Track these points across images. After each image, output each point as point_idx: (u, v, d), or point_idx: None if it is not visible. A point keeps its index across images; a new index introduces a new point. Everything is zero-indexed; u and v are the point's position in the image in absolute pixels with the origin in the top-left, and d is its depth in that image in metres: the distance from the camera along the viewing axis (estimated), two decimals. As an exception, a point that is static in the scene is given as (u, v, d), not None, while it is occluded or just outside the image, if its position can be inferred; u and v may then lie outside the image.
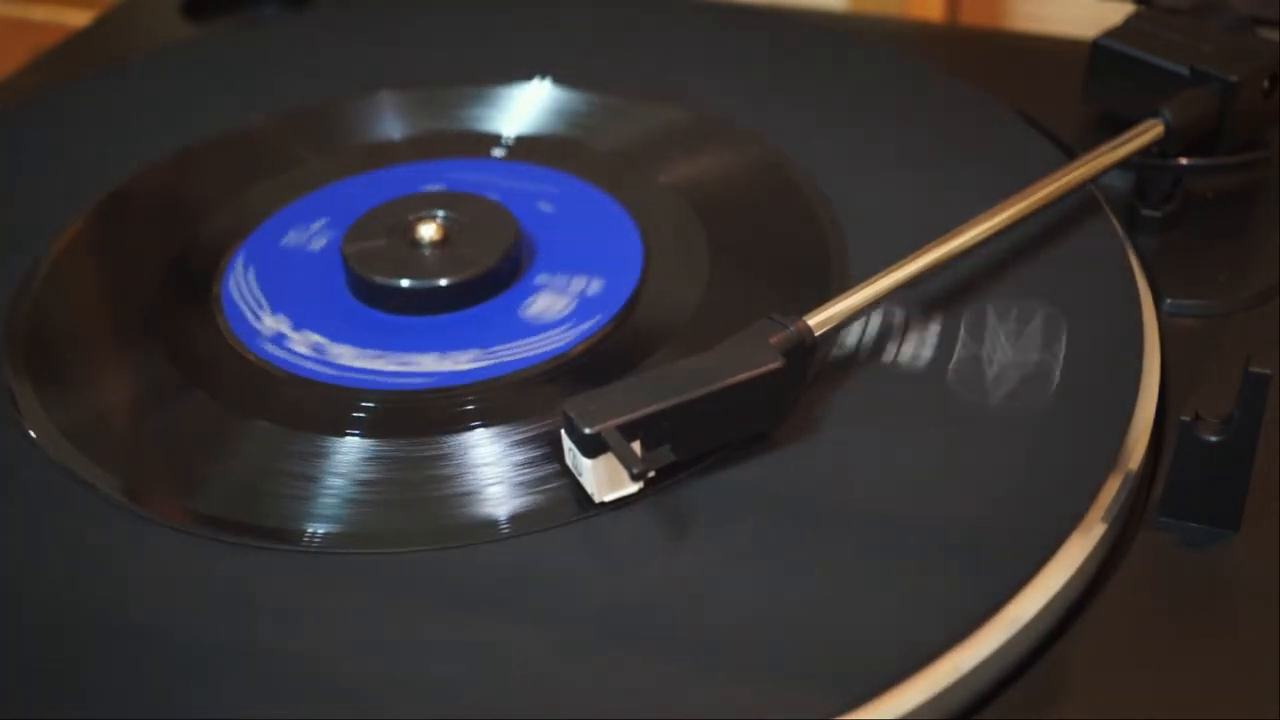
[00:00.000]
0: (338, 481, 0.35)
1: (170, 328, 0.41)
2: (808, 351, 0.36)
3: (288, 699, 0.30)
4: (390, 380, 0.39)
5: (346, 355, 0.40)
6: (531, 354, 0.39)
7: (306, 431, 0.37)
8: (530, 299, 0.41)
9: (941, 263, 0.38)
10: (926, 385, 0.37)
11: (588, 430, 0.33)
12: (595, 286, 0.42)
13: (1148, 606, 0.32)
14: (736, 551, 0.33)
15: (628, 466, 0.32)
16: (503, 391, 0.38)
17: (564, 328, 0.40)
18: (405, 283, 0.41)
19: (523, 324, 0.40)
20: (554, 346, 0.39)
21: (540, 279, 0.42)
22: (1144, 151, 0.42)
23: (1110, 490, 0.34)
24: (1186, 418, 0.33)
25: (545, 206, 0.45)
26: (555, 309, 0.40)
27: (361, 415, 0.37)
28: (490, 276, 0.41)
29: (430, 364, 0.39)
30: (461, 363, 0.39)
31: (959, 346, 0.37)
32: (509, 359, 0.39)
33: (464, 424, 0.37)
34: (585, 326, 0.40)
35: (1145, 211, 0.44)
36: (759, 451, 0.35)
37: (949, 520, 0.33)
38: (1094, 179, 0.41)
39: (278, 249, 0.44)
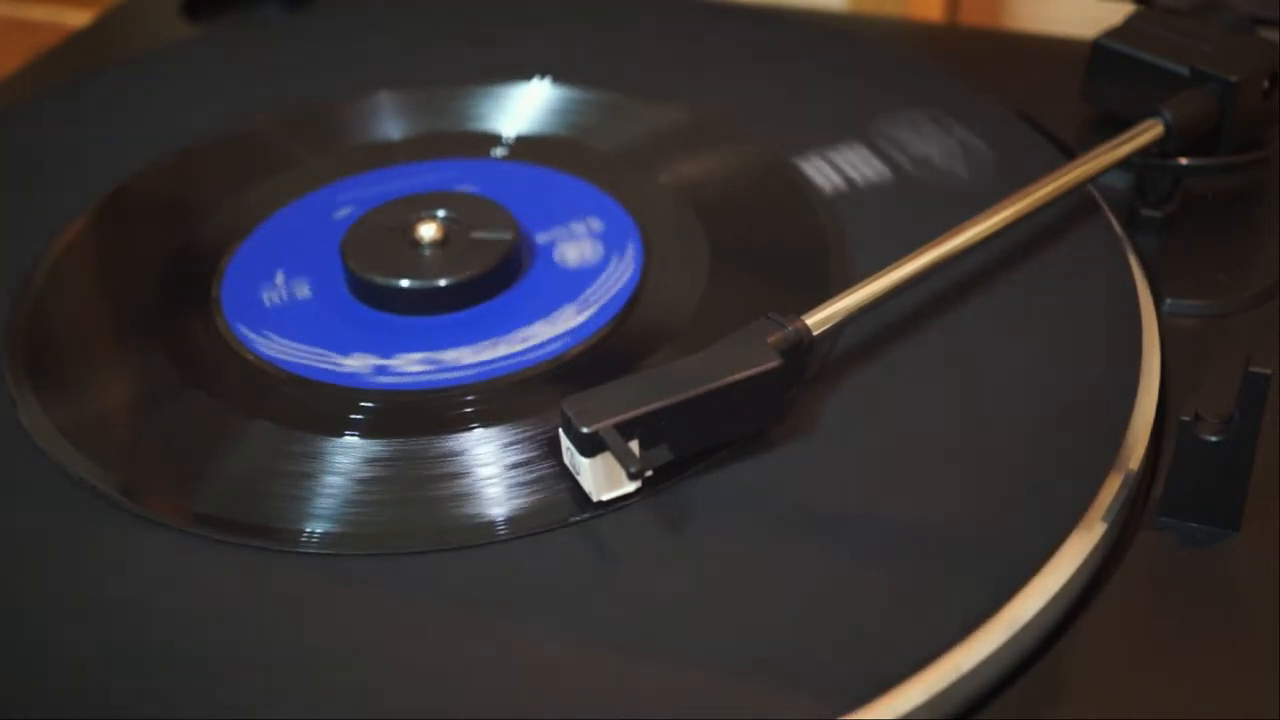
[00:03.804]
0: (337, 481, 0.35)
1: (170, 328, 0.41)
2: (806, 351, 0.36)
3: (288, 699, 0.30)
4: (390, 380, 0.39)
5: (346, 355, 0.40)
6: (532, 354, 0.39)
7: (306, 431, 0.37)
8: (560, 249, 0.42)
9: (941, 262, 0.38)
10: (926, 385, 0.37)
11: (585, 429, 0.33)
12: (595, 286, 0.42)
13: (1148, 606, 0.32)
14: (735, 551, 0.33)
15: (625, 466, 0.32)
16: (502, 391, 0.38)
17: (593, 287, 0.40)
18: (405, 283, 0.41)
19: (531, 308, 0.41)
20: (554, 346, 0.39)
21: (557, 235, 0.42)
22: (1144, 151, 0.42)
23: (1110, 490, 0.34)
24: (1186, 418, 0.33)
25: (544, 206, 0.45)
26: (585, 257, 0.41)
27: (361, 415, 0.37)
28: (490, 276, 0.41)
29: (430, 364, 0.39)
30: (461, 363, 0.39)
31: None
32: (509, 358, 0.39)
33: (463, 424, 0.37)
34: (586, 327, 0.40)
35: (1145, 211, 0.44)
36: (757, 451, 0.35)
37: (949, 520, 0.33)
38: (1093, 179, 0.41)
39: (278, 249, 0.44)
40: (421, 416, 0.37)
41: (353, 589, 0.33)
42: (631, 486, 0.34)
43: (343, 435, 0.37)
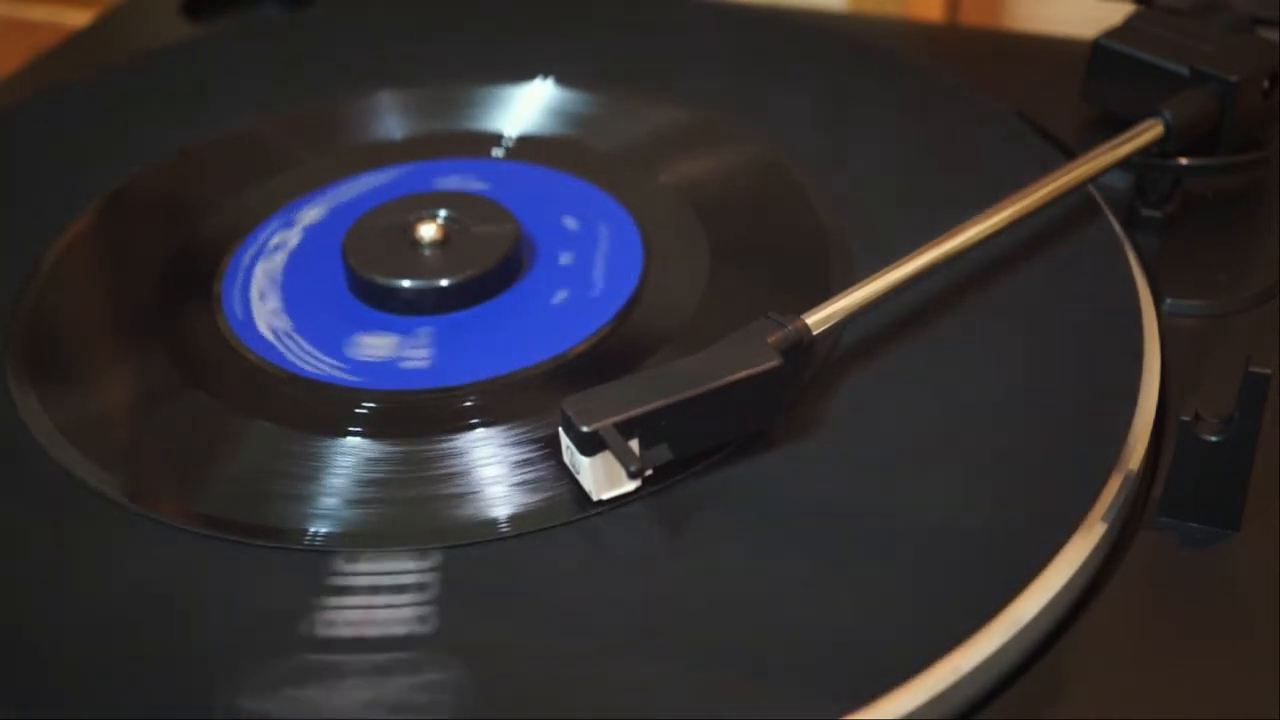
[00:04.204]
0: (338, 481, 0.35)
1: (170, 328, 0.41)
2: (806, 350, 0.36)
3: (288, 698, 0.30)
4: (390, 380, 0.39)
5: (346, 355, 0.40)
6: (532, 354, 0.39)
7: (306, 431, 0.37)
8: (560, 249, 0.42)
9: (941, 262, 0.38)
10: (926, 385, 0.37)
11: (585, 428, 0.33)
12: (595, 285, 0.42)
13: (1148, 606, 0.32)
14: (736, 551, 0.33)
15: (625, 465, 0.32)
16: (503, 391, 0.38)
17: (593, 287, 0.41)
18: (405, 283, 0.41)
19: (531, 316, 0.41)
20: (554, 346, 0.39)
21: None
22: (1144, 151, 0.42)
23: (1110, 490, 0.34)
24: (1186, 418, 0.33)
25: (545, 206, 0.45)
26: (585, 257, 0.42)
27: (361, 415, 0.37)
28: (491, 276, 0.41)
29: (429, 364, 0.39)
30: (461, 362, 0.39)
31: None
32: (509, 358, 0.39)
33: (464, 424, 0.37)
34: (586, 327, 0.40)
35: (1145, 211, 0.44)
36: (758, 451, 0.35)
37: (949, 520, 0.33)
38: (1093, 179, 0.41)
39: (278, 249, 0.44)
40: (422, 416, 0.37)
41: (353, 589, 0.33)
42: (631, 486, 0.34)
43: (343, 435, 0.37)
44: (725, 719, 0.29)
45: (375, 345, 0.40)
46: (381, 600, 0.32)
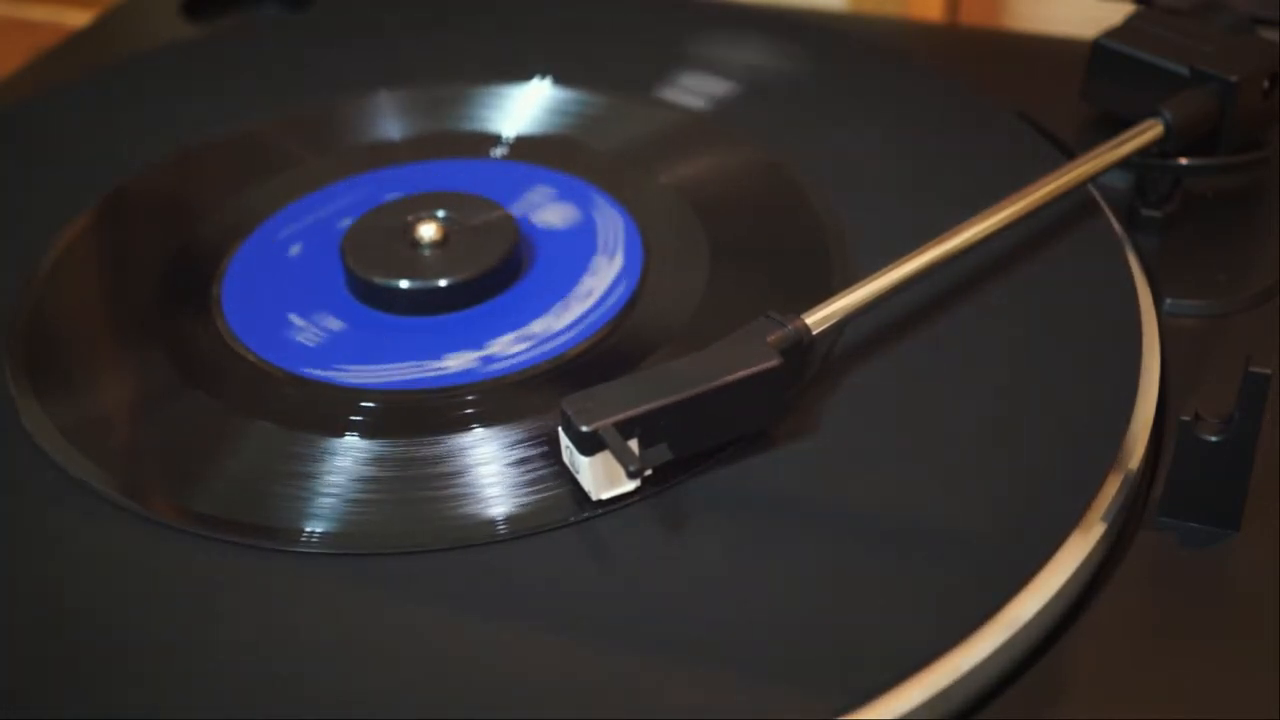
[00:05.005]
0: (337, 481, 0.35)
1: (170, 328, 0.41)
2: (806, 350, 0.36)
3: (288, 698, 0.30)
4: (390, 380, 0.39)
5: (346, 355, 0.40)
6: (532, 354, 0.39)
7: (306, 431, 0.37)
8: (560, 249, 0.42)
9: (940, 262, 0.38)
10: (926, 385, 0.37)
11: (584, 428, 0.33)
12: (595, 286, 0.42)
13: (1148, 606, 0.32)
14: (735, 551, 0.33)
15: (624, 464, 0.32)
16: (502, 391, 0.38)
17: (593, 287, 0.41)
18: (405, 283, 0.41)
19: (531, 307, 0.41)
20: (554, 346, 0.39)
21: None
22: (1144, 151, 0.42)
23: (1110, 490, 0.34)
24: (1186, 418, 0.33)
25: (545, 206, 0.45)
26: (585, 257, 0.42)
27: (361, 415, 0.37)
28: (490, 277, 0.41)
29: (429, 364, 0.39)
30: (462, 363, 0.39)
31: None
32: (509, 358, 0.39)
33: (464, 424, 0.37)
34: (586, 327, 0.40)
35: (1145, 211, 0.44)
36: (758, 451, 0.35)
37: (949, 520, 0.33)
38: (1093, 179, 0.41)
39: (277, 249, 0.44)
40: (422, 416, 0.37)
41: (353, 589, 0.33)
42: (631, 485, 0.34)
43: (343, 435, 0.37)
44: (725, 719, 0.29)
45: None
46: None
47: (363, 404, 0.38)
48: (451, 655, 0.31)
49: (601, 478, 0.34)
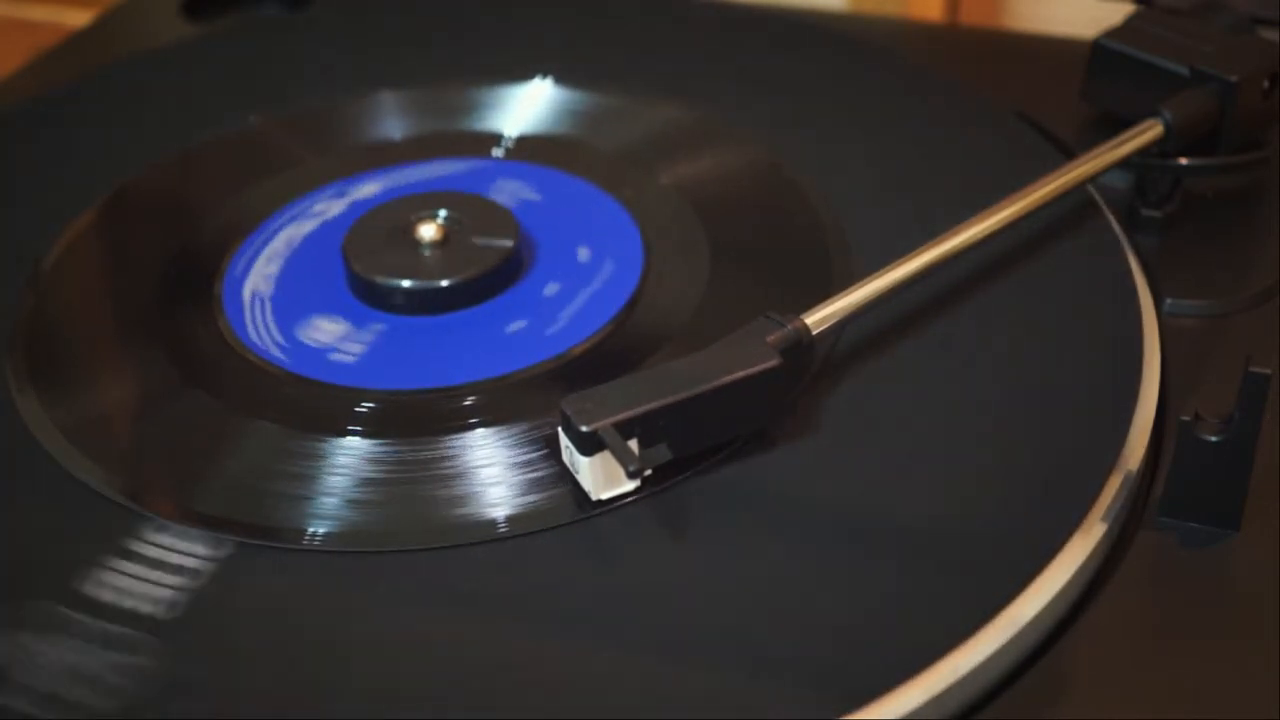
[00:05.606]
0: (338, 481, 0.35)
1: (170, 328, 0.41)
2: (806, 350, 0.36)
3: (288, 698, 0.30)
4: (390, 380, 0.39)
5: (346, 355, 0.40)
6: (532, 354, 0.39)
7: (306, 431, 0.37)
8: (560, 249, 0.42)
9: (940, 262, 0.38)
10: (926, 385, 0.37)
11: (584, 428, 0.33)
12: (595, 286, 0.42)
13: (1148, 606, 0.32)
14: (735, 551, 0.33)
15: (624, 465, 0.32)
16: (503, 391, 0.38)
17: (593, 287, 0.41)
18: (406, 283, 0.41)
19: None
20: (554, 346, 0.39)
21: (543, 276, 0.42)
22: (1144, 151, 0.42)
23: (1110, 490, 0.34)
24: (1186, 418, 0.33)
25: (545, 206, 0.45)
26: (585, 257, 0.42)
27: (361, 415, 0.37)
28: (491, 276, 0.41)
29: (429, 364, 0.39)
30: (462, 362, 0.39)
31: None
32: (510, 358, 0.39)
33: (464, 424, 0.37)
34: (586, 326, 0.40)
35: (1145, 211, 0.44)
36: (758, 451, 0.35)
37: (949, 520, 0.33)
38: (1093, 179, 0.41)
39: (277, 249, 0.44)
40: (422, 416, 0.37)
41: (352, 589, 0.33)
42: (630, 485, 0.34)
43: (343, 435, 0.37)
44: (725, 719, 0.29)
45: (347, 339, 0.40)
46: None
47: (363, 403, 0.38)
48: (452, 655, 0.31)
49: (601, 478, 0.34)
